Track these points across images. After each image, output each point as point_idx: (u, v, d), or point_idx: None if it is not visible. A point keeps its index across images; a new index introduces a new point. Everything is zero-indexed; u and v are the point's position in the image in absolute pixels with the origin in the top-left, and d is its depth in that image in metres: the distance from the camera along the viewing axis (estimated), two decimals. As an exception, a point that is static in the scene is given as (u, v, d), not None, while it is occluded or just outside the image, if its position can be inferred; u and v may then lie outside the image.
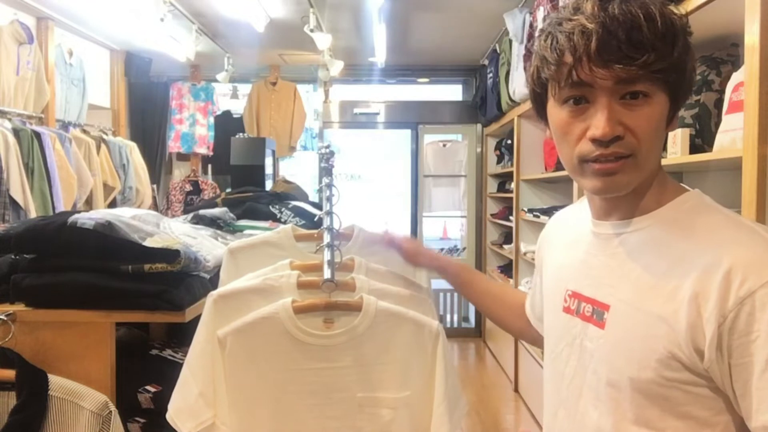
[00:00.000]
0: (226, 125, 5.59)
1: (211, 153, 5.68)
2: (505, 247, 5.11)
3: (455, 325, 6.10)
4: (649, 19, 0.76)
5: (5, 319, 1.43)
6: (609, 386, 0.83)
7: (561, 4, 2.56)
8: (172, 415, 1.23)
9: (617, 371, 0.82)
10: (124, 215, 1.59)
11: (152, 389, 1.58)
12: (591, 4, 0.78)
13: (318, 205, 2.20)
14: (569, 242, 0.99)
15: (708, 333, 0.73)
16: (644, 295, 0.80)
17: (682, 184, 0.89)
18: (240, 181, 4.28)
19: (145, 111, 5.52)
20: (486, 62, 5.10)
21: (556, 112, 0.84)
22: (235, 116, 5.77)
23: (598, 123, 0.77)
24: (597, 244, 0.91)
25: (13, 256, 1.56)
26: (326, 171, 1.57)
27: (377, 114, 6.04)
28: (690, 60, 0.81)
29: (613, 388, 0.82)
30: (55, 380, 1.38)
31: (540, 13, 3.16)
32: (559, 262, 1.01)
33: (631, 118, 0.78)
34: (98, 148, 4.37)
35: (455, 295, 5.93)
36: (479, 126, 5.90)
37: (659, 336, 0.77)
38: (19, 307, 1.47)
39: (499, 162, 5.51)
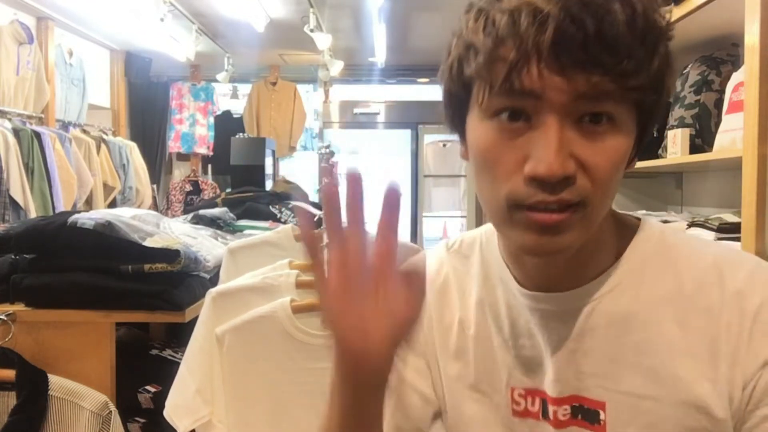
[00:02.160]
0: (226, 125, 5.59)
1: (211, 153, 5.68)
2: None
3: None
4: (628, 7, 0.51)
5: (5, 319, 1.43)
6: None
7: None
8: (169, 412, 1.23)
9: None
10: (124, 215, 1.59)
11: (152, 389, 1.58)
12: None
13: (318, 205, 2.20)
14: (478, 319, 0.69)
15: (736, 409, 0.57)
16: (657, 380, 0.59)
17: (621, 212, 0.67)
18: (240, 181, 4.28)
19: (145, 111, 5.52)
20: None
21: (480, 127, 0.58)
22: (235, 116, 5.77)
23: (542, 155, 0.52)
24: (546, 325, 0.63)
25: (13, 256, 1.56)
26: (326, 171, 1.57)
27: (377, 114, 6.04)
28: (670, 76, 0.57)
29: None
30: (55, 380, 1.38)
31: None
32: (472, 350, 0.69)
33: (587, 150, 0.53)
34: (98, 148, 4.37)
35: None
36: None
37: (697, 426, 0.58)
38: (19, 307, 1.47)
39: (499, 162, 5.50)
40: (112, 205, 4.43)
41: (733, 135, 1.60)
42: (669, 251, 0.63)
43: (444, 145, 6.05)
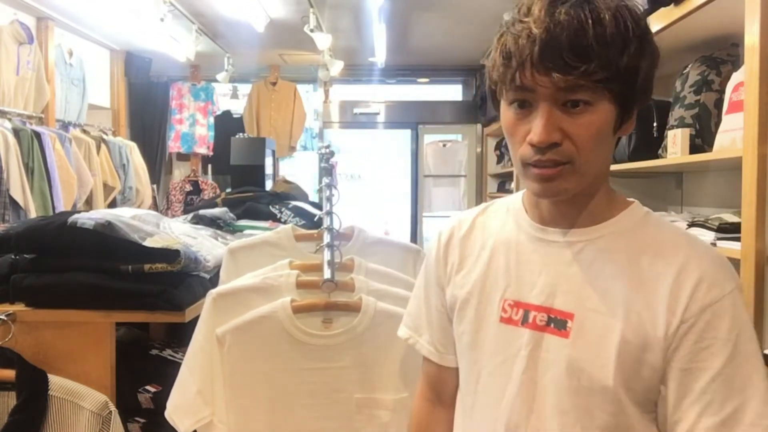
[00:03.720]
0: (226, 125, 5.59)
1: (211, 153, 5.68)
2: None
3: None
4: (598, 23, 0.73)
5: (5, 319, 1.43)
6: (577, 395, 0.81)
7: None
8: (170, 413, 1.23)
9: (589, 379, 0.80)
10: (124, 215, 1.59)
11: (152, 389, 1.58)
12: (539, 7, 0.76)
13: (318, 205, 2.20)
14: (493, 248, 0.93)
15: (670, 336, 0.77)
16: (616, 304, 0.80)
17: (621, 195, 0.90)
18: (240, 181, 4.28)
19: (145, 111, 5.52)
20: (486, 62, 5.09)
21: (505, 112, 0.83)
22: (235, 116, 5.77)
23: (536, 129, 0.77)
24: (545, 251, 0.87)
25: (13, 256, 1.56)
26: (326, 171, 1.57)
27: (377, 114, 6.03)
28: (646, 63, 0.78)
29: (583, 397, 0.81)
30: (55, 380, 1.38)
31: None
32: (480, 270, 0.93)
33: (570, 125, 0.77)
34: (98, 148, 4.37)
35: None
36: (479, 126, 5.90)
37: (636, 343, 0.78)
38: (19, 307, 1.47)
39: (499, 162, 5.51)
40: (112, 205, 4.43)
41: (733, 135, 1.60)
42: (649, 223, 0.86)
43: (444, 145, 6.05)
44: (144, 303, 1.46)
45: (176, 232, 1.71)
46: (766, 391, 0.75)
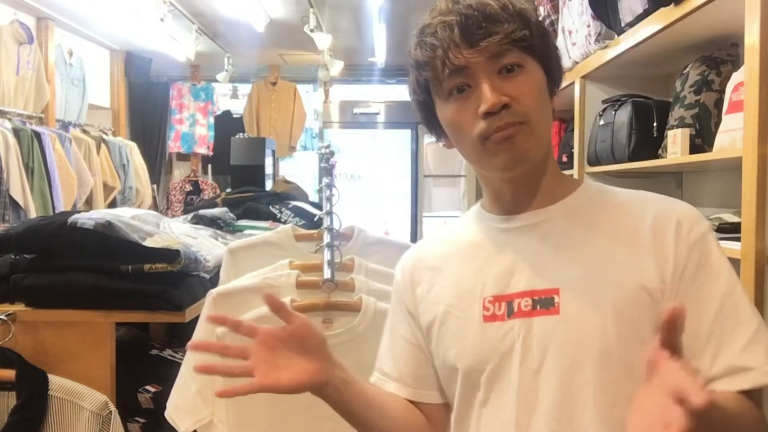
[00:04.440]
0: (226, 125, 5.59)
1: (211, 153, 5.68)
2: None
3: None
4: (500, 4, 0.81)
5: (5, 319, 1.43)
6: (581, 370, 0.79)
7: (560, 3, 2.56)
8: (170, 413, 1.23)
9: (589, 349, 0.78)
10: (124, 215, 1.60)
11: (152, 389, 1.58)
12: (444, 3, 0.83)
13: (318, 205, 2.20)
14: (461, 257, 0.91)
15: (669, 282, 0.79)
16: (598, 267, 0.81)
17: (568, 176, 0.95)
18: (240, 181, 4.28)
19: (145, 111, 5.52)
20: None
21: (445, 109, 0.85)
22: (235, 116, 5.77)
23: (483, 97, 0.79)
24: (515, 239, 0.87)
25: (13, 256, 1.56)
26: (326, 171, 1.57)
27: (377, 114, 6.03)
28: (550, 36, 0.86)
29: (587, 370, 0.78)
30: (55, 380, 1.38)
31: (540, 13, 3.15)
32: (452, 281, 0.90)
33: (512, 87, 0.80)
34: (98, 148, 4.37)
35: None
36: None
37: (629, 298, 0.79)
38: (19, 307, 1.47)
39: (499, 162, 5.49)
40: (112, 205, 4.43)
41: (733, 135, 1.60)
42: (607, 191, 0.90)
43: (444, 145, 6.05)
44: (144, 303, 1.46)
45: (176, 232, 1.71)
46: (759, 318, 0.78)
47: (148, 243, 1.48)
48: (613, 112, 2.25)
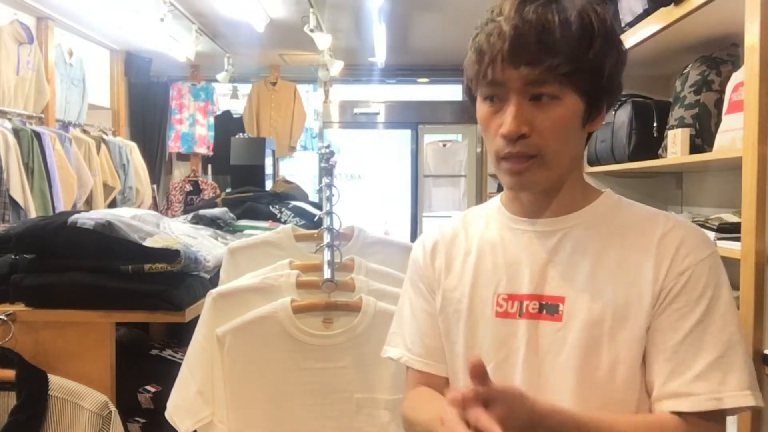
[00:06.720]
0: (226, 125, 5.59)
1: (211, 153, 5.67)
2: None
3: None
4: (564, 22, 0.79)
5: (5, 319, 1.43)
6: (575, 373, 0.83)
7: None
8: (170, 413, 1.23)
9: (583, 358, 0.83)
10: (124, 215, 1.60)
11: (152, 389, 1.58)
12: (509, 6, 0.81)
13: (318, 205, 2.20)
14: (479, 250, 0.94)
15: (656, 304, 0.82)
16: (604, 282, 0.84)
17: (593, 186, 0.95)
18: (240, 181, 4.27)
19: (145, 111, 5.51)
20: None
21: (480, 107, 0.87)
22: (235, 116, 5.76)
23: (506, 120, 0.81)
24: (529, 242, 0.90)
25: (13, 256, 1.56)
26: (326, 171, 1.57)
27: (377, 114, 6.03)
28: (612, 61, 0.83)
29: (582, 375, 0.83)
30: (55, 380, 1.38)
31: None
32: (469, 273, 0.94)
33: (539, 118, 0.81)
34: (98, 148, 4.37)
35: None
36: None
37: (625, 317, 0.83)
38: (19, 307, 1.47)
39: (499, 162, 5.49)
40: (112, 205, 4.42)
41: (733, 135, 1.60)
42: (624, 205, 0.92)
43: (444, 145, 6.04)
44: (144, 303, 1.46)
45: (176, 232, 1.71)
46: (736, 351, 0.80)
47: (148, 243, 1.48)
48: (614, 112, 2.25)
